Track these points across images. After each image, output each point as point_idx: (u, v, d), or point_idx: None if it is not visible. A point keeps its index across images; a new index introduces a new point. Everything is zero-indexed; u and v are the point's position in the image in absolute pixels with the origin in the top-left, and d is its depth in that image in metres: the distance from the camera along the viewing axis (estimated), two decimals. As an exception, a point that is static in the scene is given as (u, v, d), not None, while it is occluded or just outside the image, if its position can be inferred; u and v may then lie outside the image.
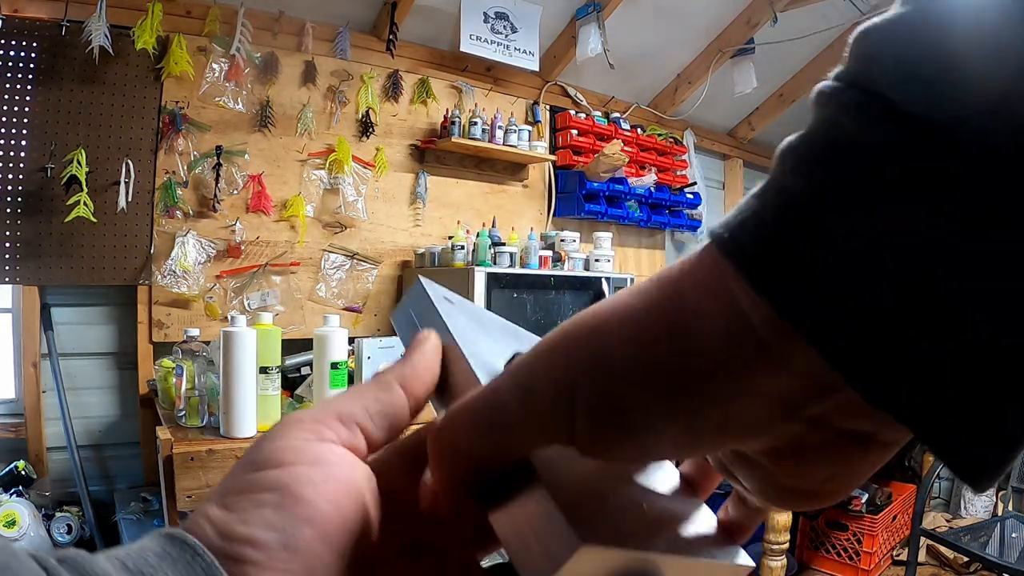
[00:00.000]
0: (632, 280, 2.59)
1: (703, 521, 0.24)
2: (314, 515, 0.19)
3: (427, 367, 0.24)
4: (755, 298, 0.15)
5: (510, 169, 2.97)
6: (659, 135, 3.49)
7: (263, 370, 1.57)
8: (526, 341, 0.28)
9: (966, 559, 2.81)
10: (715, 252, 0.17)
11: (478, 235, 2.36)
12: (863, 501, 2.91)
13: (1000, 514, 2.76)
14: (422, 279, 0.28)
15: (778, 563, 2.23)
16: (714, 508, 0.25)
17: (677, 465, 0.26)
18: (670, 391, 0.17)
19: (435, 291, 0.27)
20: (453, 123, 2.59)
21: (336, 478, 0.20)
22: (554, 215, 3.13)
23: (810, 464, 0.18)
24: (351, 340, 1.84)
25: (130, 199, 2.04)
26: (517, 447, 0.19)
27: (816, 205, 0.15)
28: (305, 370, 2.03)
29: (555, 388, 0.18)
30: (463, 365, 0.23)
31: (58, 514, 1.91)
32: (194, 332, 1.73)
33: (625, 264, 3.48)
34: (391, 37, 2.48)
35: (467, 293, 2.12)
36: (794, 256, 0.15)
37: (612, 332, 0.18)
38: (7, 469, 1.91)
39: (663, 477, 0.25)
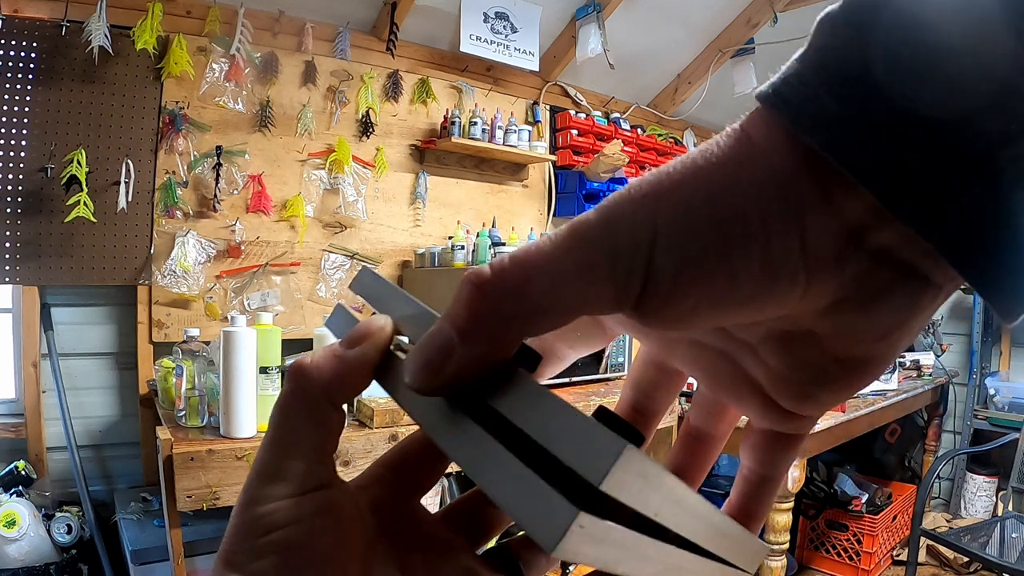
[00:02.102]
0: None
1: None
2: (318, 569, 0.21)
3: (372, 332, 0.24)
4: (803, 139, 0.17)
5: (510, 169, 2.97)
6: (659, 135, 3.49)
7: (263, 370, 1.57)
8: None
9: (966, 559, 2.81)
10: (765, 109, 0.18)
11: (478, 235, 2.36)
12: (863, 501, 2.91)
13: (1000, 514, 2.76)
14: (365, 266, 0.28)
15: (778, 563, 2.23)
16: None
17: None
18: (751, 219, 0.18)
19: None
20: (453, 123, 2.59)
21: (329, 528, 0.21)
22: (554, 215, 3.13)
23: (870, 312, 0.19)
24: (351, 340, 1.84)
25: (130, 199, 2.05)
26: (577, 304, 0.19)
27: (848, 58, 0.17)
28: (305, 370, 2.03)
29: (635, 233, 0.18)
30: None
31: (58, 514, 1.91)
32: (194, 332, 1.73)
33: (625, 264, 3.48)
34: (391, 37, 2.48)
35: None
36: (829, 104, 0.17)
37: (685, 173, 0.19)
38: (7, 469, 1.91)
39: None
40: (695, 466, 0.28)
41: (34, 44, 1.94)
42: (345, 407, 0.24)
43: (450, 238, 2.45)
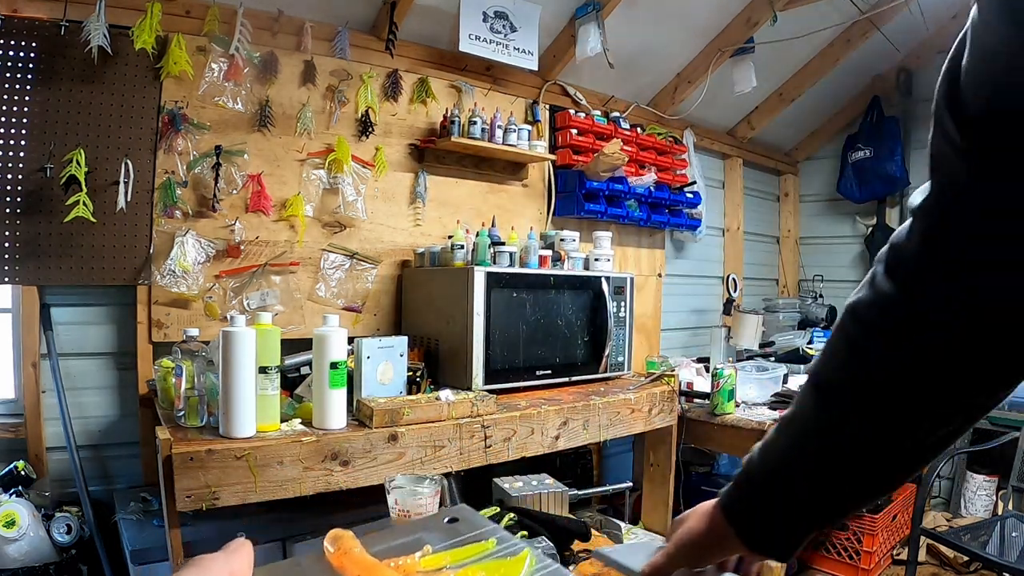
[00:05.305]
0: (632, 280, 2.59)
1: None
2: None
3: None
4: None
5: (510, 168, 2.97)
6: (659, 134, 3.49)
7: (263, 370, 1.57)
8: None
9: (966, 558, 2.81)
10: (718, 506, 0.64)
11: (478, 235, 2.36)
12: (863, 500, 2.91)
13: (1000, 513, 2.76)
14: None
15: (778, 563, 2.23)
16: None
17: None
18: (714, 548, 0.66)
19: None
20: (453, 122, 2.59)
21: None
22: (554, 215, 3.13)
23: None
24: (351, 340, 1.84)
25: (129, 199, 2.04)
26: (708, 559, 0.66)
27: (764, 482, 0.61)
28: (305, 370, 2.04)
29: (701, 539, 0.65)
30: None
31: (58, 514, 1.91)
32: (194, 332, 1.73)
33: (625, 264, 3.48)
34: (390, 37, 2.48)
35: (467, 292, 2.12)
36: (749, 511, 0.62)
37: (696, 529, 0.66)
38: (7, 469, 1.91)
39: None
40: None
41: (33, 44, 1.94)
42: None
43: (450, 237, 2.45)
